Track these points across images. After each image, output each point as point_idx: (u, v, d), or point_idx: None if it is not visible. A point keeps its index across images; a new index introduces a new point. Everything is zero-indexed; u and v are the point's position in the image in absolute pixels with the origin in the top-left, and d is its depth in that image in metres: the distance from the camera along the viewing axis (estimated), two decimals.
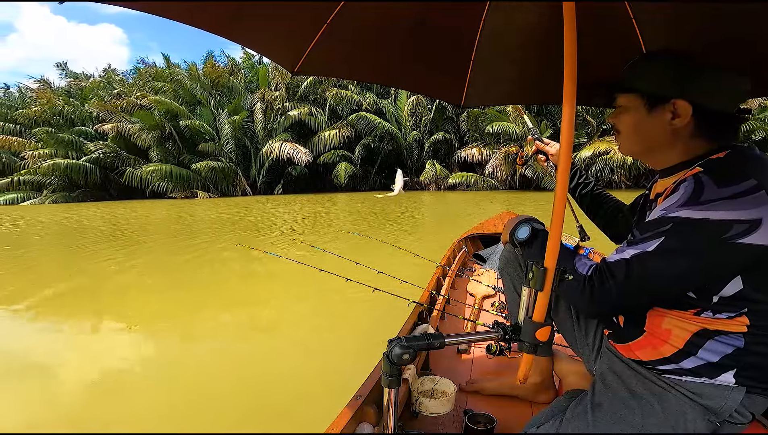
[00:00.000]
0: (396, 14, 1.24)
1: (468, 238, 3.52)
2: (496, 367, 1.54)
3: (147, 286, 4.98)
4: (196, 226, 10.56)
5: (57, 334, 3.50)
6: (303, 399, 2.22)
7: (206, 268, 5.81)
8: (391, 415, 0.90)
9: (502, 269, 1.30)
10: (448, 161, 23.45)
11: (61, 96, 25.67)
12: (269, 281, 5.01)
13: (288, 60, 1.36)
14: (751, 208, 0.70)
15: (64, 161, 21.56)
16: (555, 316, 1.15)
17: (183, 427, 1.98)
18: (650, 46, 1.23)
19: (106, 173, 22.88)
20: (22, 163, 23.01)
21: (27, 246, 8.45)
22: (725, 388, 0.80)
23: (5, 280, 5.38)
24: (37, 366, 2.84)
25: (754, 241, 0.70)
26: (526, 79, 1.62)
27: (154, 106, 21.88)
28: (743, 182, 0.72)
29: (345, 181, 22.74)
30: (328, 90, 23.87)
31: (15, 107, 25.67)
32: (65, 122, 24.32)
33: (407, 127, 23.83)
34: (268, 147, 22.19)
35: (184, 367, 2.74)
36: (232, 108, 22.69)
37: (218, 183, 22.62)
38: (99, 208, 17.29)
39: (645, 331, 0.88)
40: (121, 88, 25.67)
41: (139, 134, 21.83)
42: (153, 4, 1.01)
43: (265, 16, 1.15)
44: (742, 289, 0.76)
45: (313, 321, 3.54)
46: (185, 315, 3.84)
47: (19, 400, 2.40)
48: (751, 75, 0.84)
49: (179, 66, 26.07)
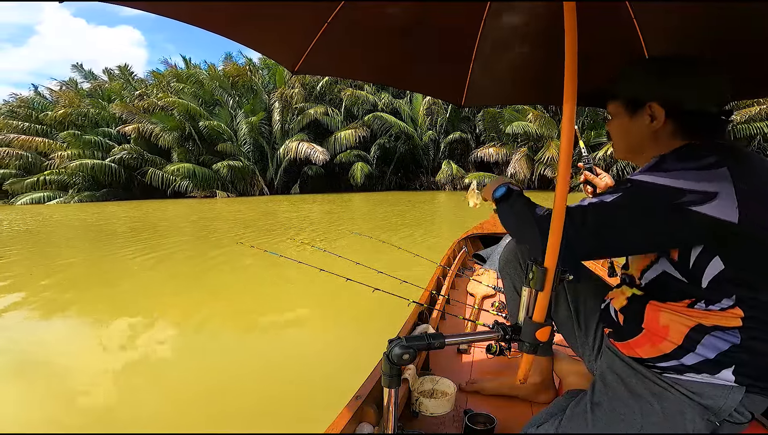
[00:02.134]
0: (396, 14, 1.24)
1: (468, 238, 3.51)
2: (496, 367, 1.53)
3: (141, 287, 4.98)
4: (212, 225, 10.74)
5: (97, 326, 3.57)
6: (303, 399, 2.22)
7: (210, 269, 5.81)
8: (391, 415, 0.90)
9: (502, 269, 1.30)
10: (465, 161, 23.37)
11: (85, 97, 26.48)
12: (269, 281, 5.01)
13: (288, 59, 1.36)
14: (708, 182, 0.74)
15: (90, 162, 22.46)
16: (555, 317, 1.15)
17: (182, 427, 1.98)
18: (651, 45, 1.22)
19: (130, 173, 23.64)
20: (49, 164, 23.86)
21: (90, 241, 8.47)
22: (725, 388, 0.80)
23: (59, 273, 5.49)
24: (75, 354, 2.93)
25: (708, 212, 0.72)
26: (527, 79, 1.62)
27: (173, 106, 22.44)
28: (704, 159, 0.77)
29: (361, 181, 22.84)
30: (343, 90, 24.00)
31: (40, 109, 26.63)
32: (89, 123, 25.11)
33: (423, 127, 23.82)
34: (285, 147, 22.51)
35: (184, 367, 2.74)
36: (249, 108, 23.10)
37: (236, 183, 23.12)
38: (130, 206, 17.87)
39: (644, 328, 0.88)
40: (143, 90, 26.33)
41: (161, 135, 22.49)
42: (155, 4, 1.02)
43: (265, 15, 1.15)
44: (723, 269, 0.77)
45: (313, 321, 3.54)
46: (186, 314, 3.84)
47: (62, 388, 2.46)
48: (749, 73, 0.85)
49: (199, 66, 26.63)
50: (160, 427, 2.00)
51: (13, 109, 26.68)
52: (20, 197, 23.27)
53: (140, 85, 27.57)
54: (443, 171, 22.42)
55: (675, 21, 1.14)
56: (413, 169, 25.55)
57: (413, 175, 25.64)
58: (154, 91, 25.57)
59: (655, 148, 0.90)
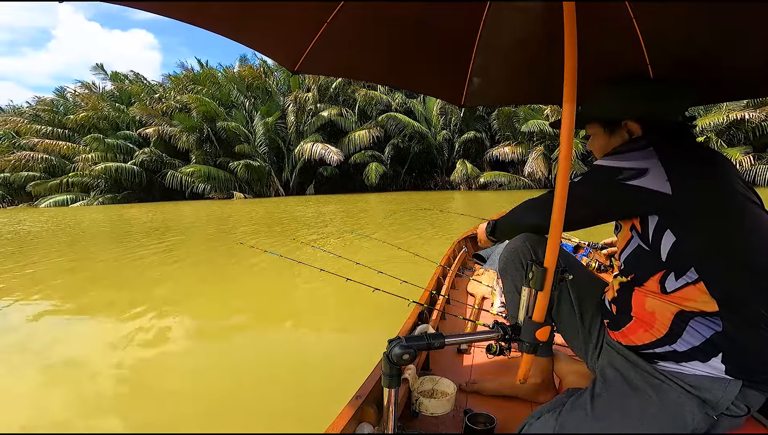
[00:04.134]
0: (395, 14, 1.24)
1: (468, 238, 3.51)
2: (496, 367, 1.53)
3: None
4: (227, 226, 10.84)
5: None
6: (303, 399, 2.22)
7: (209, 268, 5.81)
8: (391, 415, 0.90)
9: (502, 269, 1.29)
10: (479, 160, 23.24)
11: (107, 100, 27.14)
12: (270, 281, 5.01)
13: (288, 59, 1.37)
14: (638, 160, 0.89)
15: (114, 164, 23.15)
16: (558, 317, 1.15)
17: (181, 427, 1.98)
18: (650, 45, 1.22)
19: (151, 176, 24.26)
20: (72, 166, 24.64)
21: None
22: (722, 381, 0.83)
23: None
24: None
25: (641, 184, 0.87)
26: (527, 80, 1.61)
27: (193, 104, 22.87)
28: (637, 142, 0.95)
29: (376, 181, 22.90)
30: (357, 91, 24.12)
31: (62, 112, 27.53)
32: (110, 126, 25.79)
33: (437, 127, 23.77)
34: (300, 148, 22.78)
35: (183, 366, 2.74)
36: (265, 110, 23.47)
37: (253, 184, 23.52)
38: (155, 207, 18.27)
39: (633, 316, 0.95)
40: (161, 93, 26.97)
41: (180, 136, 23.03)
42: (155, 4, 1.02)
43: (265, 15, 1.15)
44: (675, 241, 0.86)
45: (313, 321, 3.54)
46: (186, 314, 3.84)
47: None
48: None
49: (215, 69, 26.93)
50: (159, 426, 2.00)
51: (37, 112, 27.50)
52: (43, 200, 24.01)
53: (158, 88, 28.19)
54: (458, 170, 22.32)
55: (675, 21, 1.14)
56: (427, 169, 25.52)
57: (427, 174, 25.61)
58: (171, 94, 26.16)
59: None
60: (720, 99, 1.54)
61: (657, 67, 1.24)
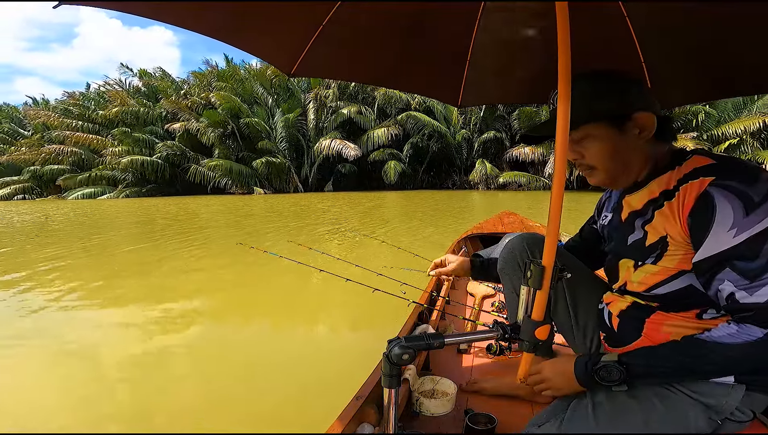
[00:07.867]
0: (391, 15, 1.24)
1: (468, 238, 3.50)
2: (497, 367, 1.53)
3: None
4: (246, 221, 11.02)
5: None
6: (303, 399, 2.22)
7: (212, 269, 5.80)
8: (391, 416, 0.90)
9: (501, 269, 1.30)
10: (499, 160, 23.04)
11: (135, 97, 28.02)
12: (270, 281, 5.00)
13: (284, 62, 1.37)
14: None
15: (141, 158, 23.79)
16: (554, 316, 1.14)
17: (180, 427, 1.98)
18: (644, 45, 1.22)
19: (174, 170, 24.96)
20: (101, 160, 25.54)
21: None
22: (726, 386, 0.81)
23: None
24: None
25: None
26: (522, 79, 1.60)
27: (218, 101, 23.46)
28: (761, 175, 0.75)
29: (394, 180, 22.97)
30: (376, 89, 24.10)
31: (93, 108, 28.58)
32: (138, 122, 26.50)
33: (456, 126, 23.65)
34: (318, 144, 23.11)
35: (181, 368, 2.73)
36: (286, 107, 23.85)
37: (273, 180, 24.01)
38: (173, 201, 18.75)
39: (643, 335, 0.90)
40: (186, 89, 27.72)
41: (205, 131, 23.61)
42: (150, 8, 1.02)
43: (260, 18, 1.15)
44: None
45: (313, 321, 3.54)
46: (185, 314, 3.83)
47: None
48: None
49: (238, 66, 27.41)
50: (158, 426, 2.00)
51: (67, 107, 28.43)
52: (71, 193, 24.85)
53: (183, 85, 28.97)
54: (477, 170, 22.19)
55: (668, 20, 1.15)
56: (446, 168, 25.40)
57: (446, 174, 25.50)
58: (195, 90, 26.85)
59: (642, 160, 0.92)
60: (718, 96, 1.54)
61: (650, 64, 1.25)
